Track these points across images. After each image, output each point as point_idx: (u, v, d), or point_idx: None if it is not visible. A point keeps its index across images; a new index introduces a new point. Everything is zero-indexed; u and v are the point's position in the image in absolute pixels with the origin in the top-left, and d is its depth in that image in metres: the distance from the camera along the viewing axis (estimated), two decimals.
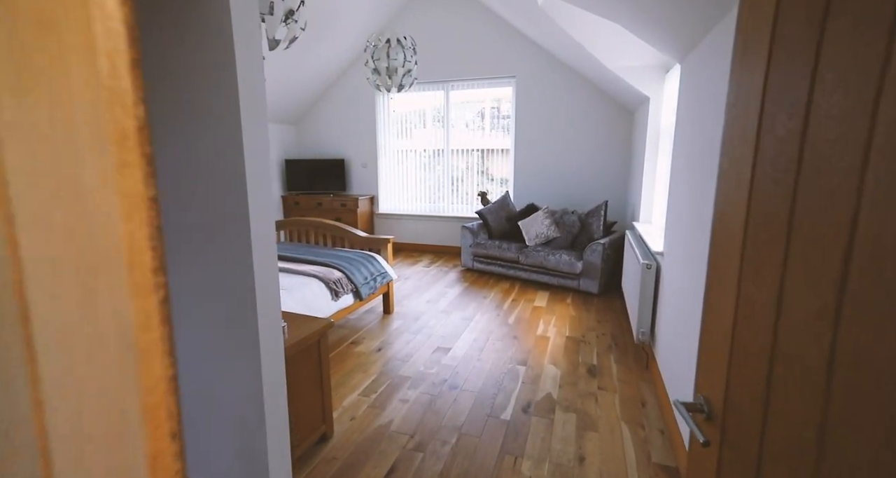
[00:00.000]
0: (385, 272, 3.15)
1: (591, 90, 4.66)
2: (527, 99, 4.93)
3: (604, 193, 4.81)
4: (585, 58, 3.67)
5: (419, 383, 2.36)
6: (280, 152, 5.91)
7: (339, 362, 2.61)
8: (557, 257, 3.97)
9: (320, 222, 3.57)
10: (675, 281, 2.06)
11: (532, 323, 3.25)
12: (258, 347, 1.30)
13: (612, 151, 4.70)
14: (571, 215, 4.33)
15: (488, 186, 5.48)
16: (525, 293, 3.98)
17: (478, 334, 3.03)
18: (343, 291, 2.70)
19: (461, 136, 5.48)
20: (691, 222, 1.81)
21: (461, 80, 5.23)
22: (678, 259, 2.01)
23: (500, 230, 4.68)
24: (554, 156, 4.95)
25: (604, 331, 3.08)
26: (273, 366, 1.36)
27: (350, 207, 5.57)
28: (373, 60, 3.75)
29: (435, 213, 5.69)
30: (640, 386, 2.31)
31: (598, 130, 4.71)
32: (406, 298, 3.84)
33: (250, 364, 1.30)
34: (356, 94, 5.72)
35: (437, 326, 3.17)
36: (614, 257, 3.97)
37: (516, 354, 2.72)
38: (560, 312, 3.49)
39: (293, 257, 2.96)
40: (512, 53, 4.88)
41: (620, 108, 4.58)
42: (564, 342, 2.90)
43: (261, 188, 1.25)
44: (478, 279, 4.42)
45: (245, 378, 1.31)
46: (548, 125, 4.91)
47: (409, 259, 5.29)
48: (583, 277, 3.88)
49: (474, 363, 2.60)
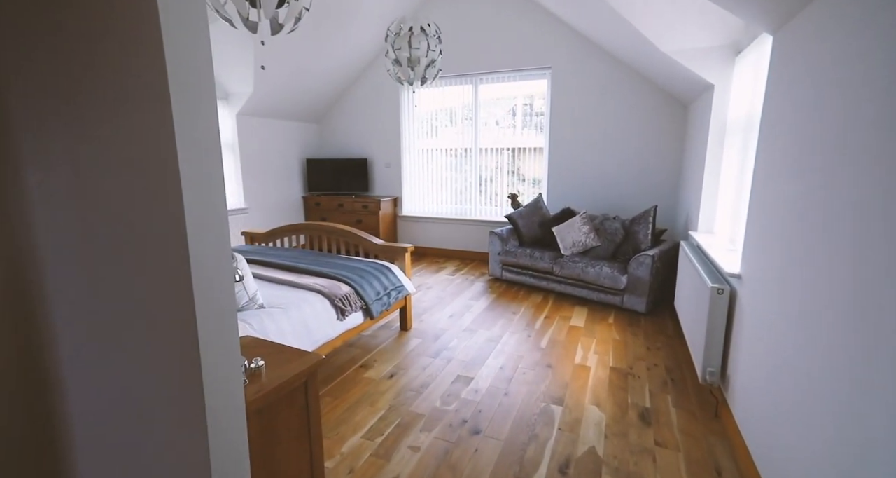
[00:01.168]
0: (401, 286, 2.80)
1: (636, 81, 4.14)
2: (563, 92, 4.47)
3: (651, 196, 4.28)
4: (634, 42, 3.19)
5: (434, 424, 1.99)
6: (301, 151, 5.69)
7: (344, 390, 2.27)
8: (597, 270, 3.50)
9: (333, 227, 3.26)
10: (765, 314, 1.59)
11: (569, 347, 2.81)
12: (201, 403, 0.95)
13: (662, 150, 4.17)
14: (613, 222, 3.84)
15: (519, 187, 5.04)
16: (560, 309, 3.53)
17: (505, 360, 2.63)
18: (351, 309, 2.36)
19: (490, 134, 5.08)
20: (801, 239, 1.35)
21: (491, 73, 4.83)
22: (772, 286, 1.54)
23: (532, 237, 4.24)
24: (593, 155, 4.46)
25: (655, 361, 2.61)
26: (227, 427, 1.02)
27: (372, 209, 5.28)
28: (393, 50, 3.41)
29: (461, 216, 5.31)
30: (709, 442, 1.84)
31: (644, 125, 4.19)
32: (427, 311, 3.48)
33: (189, 429, 0.96)
34: (379, 90, 5.42)
35: (459, 349, 2.78)
36: (664, 271, 3.46)
37: (550, 389, 2.30)
38: (601, 334, 3.03)
39: (296, 267, 2.65)
40: (547, 42, 4.43)
41: (672, 100, 4.04)
42: (608, 375, 2.45)
43: (206, 195, 0.91)
44: (506, 291, 4.01)
45: (181, 448, 0.97)
46: (586, 121, 4.43)
47: (433, 266, 4.94)
48: (627, 293, 3.39)
49: (500, 399, 2.21)
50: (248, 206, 4.96)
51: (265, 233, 3.58)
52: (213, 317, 0.95)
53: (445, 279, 4.39)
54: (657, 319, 3.30)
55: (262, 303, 2.08)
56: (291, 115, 5.36)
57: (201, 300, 0.92)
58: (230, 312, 1.00)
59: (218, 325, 0.96)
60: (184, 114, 0.86)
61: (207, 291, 0.93)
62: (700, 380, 2.03)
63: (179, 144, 0.86)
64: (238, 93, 4.56)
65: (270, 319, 1.96)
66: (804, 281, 1.29)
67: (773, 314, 1.50)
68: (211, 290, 0.94)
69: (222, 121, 4.65)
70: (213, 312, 0.95)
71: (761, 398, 1.56)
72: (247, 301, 2.03)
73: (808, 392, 1.22)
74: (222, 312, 0.98)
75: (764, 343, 1.57)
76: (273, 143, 5.24)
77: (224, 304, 0.98)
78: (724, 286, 1.92)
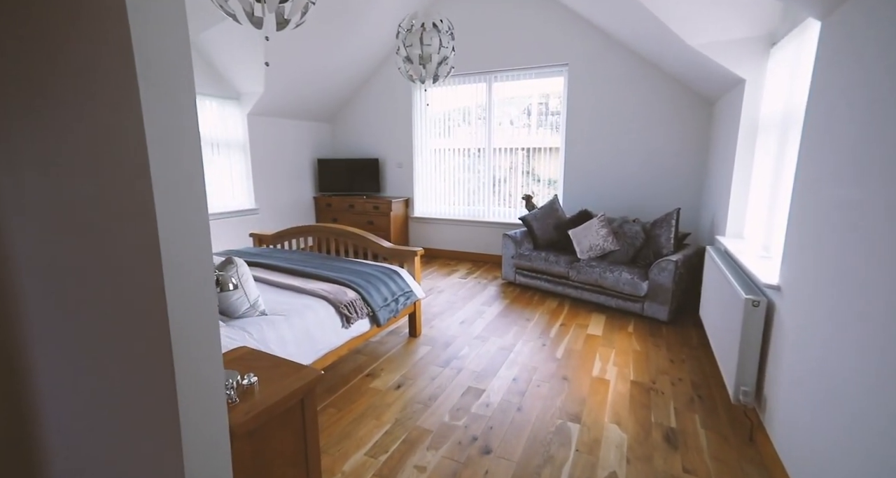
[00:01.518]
0: (410, 291, 2.68)
1: (658, 77, 3.95)
2: (580, 89, 4.30)
3: (672, 199, 4.08)
4: (658, 35, 3.02)
5: (442, 441, 1.87)
6: (313, 152, 5.64)
7: (349, 401, 2.17)
8: (616, 275, 3.34)
9: (341, 229, 3.17)
10: (811, 331, 1.43)
11: (586, 358, 2.66)
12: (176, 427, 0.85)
13: (684, 150, 3.97)
14: (633, 225, 3.66)
15: (534, 187, 4.88)
16: (576, 316, 3.37)
17: (518, 371, 2.49)
18: (357, 316, 2.26)
19: (504, 133, 4.93)
20: (855, 250, 1.19)
21: (505, 71, 4.68)
22: (819, 301, 1.37)
23: (547, 240, 4.09)
24: (611, 155, 4.28)
25: (680, 375, 2.44)
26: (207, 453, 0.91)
27: (383, 210, 5.19)
28: (404, 47, 3.30)
29: (474, 217, 5.18)
30: (745, 471, 1.68)
31: (666, 124, 4.00)
32: (437, 316, 3.36)
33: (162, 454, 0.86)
34: (392, 89, 5.32)
35: (470, 358, 2.66)
36: (688, 278, 3.28)
37: (567, 404, 2.16)
38: (620, 344, 2.86)
39: (302, 272, 2.56)
40: (564, 38, 4.27)
41: (696, 97, 3.84)
42: (629, 390, 2.29)
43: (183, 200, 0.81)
44: (520, 296, 3.86)
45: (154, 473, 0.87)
46: (604, 119, 4.25)
47: (444, 268, 4.82)
48: (648, 300, 3.22)
49: (513, 414, 2.07)
50: (259, 206, 4.92)
51: (273, 235, 3.51)
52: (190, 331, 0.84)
53: (457, 283, 4.27)
54: (680, 329, 3.11)
55: (263, 310, 1.99)
56: (303, 114, 5.30)
57: (177, 312, 0.81)
58: (210, 326, 0.89)
59: (196, 340, 0.86)
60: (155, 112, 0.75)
61: (183, 303, 0.82)
62: (732, 399, 1.86)
63: (150, 146, 0.75)
64: (249, 92, 4.51)
65: (271, 328, 1.86)
66: (860, 297, 1.13)
67: (822, 332, 1.34)
68: (188, 302, 0.83)
69: (234, 121, 4.61)
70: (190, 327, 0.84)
71: (807, 425, 1.40)
72: (247, 308, 1.94)
73: (863, 422, 1.06)
74: (202, 326, 0.87)
75: (809, 364, 1.41)
76: (284, 143, 5.19)
77: (204, 317, 0.88)
78: (761, 298, 1.75)
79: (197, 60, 4.15)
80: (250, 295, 1.96)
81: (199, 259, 0.85)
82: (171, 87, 0.77)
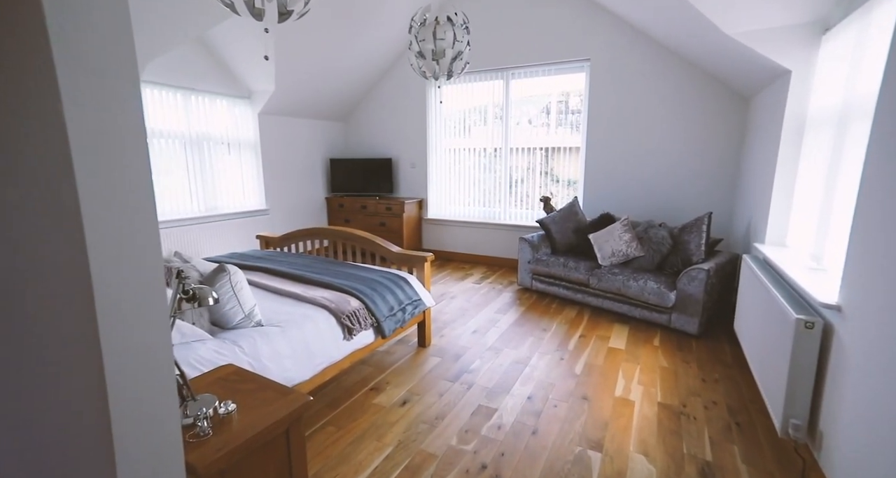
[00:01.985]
0: (418, 300, 2.52)
1: (687, 72, 3.69)
2: (603, 85, 4.07)
3: (702, 202, 3.82)
4: (690, 24, 2.78)
5: (448, 469, 1.70)
6: (325, 151, 5.54)
7: (350, 418, 2.02)
8: (641, 284, 3.11)
9: (349, 233, 3.03)
10: (883, 360, 1.20)
11: (608, 375, 2.45)
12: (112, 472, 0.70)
13: (716, 149, 3.70)
14: (659, 230, 3.41)
15: (553, 188, 4.66)
16: (597, 326, 3.16)
17: (534, 389, 2.31)
18: (360, 327, 2.11)
19: (522, 133, 4.73)
20: None
21: (524, 67, 4.48)
22: (890, 324, 1.15)
23: (566, 244, 3.88)
24: (635, 155, 4.04)
25: (714, 398, 2.21)
26: None
27: (396, 211, 5.05)
28: (417, 42, 3.14)
29: (490, 219, 5.00)
30: None
31: (696, 122, 3.73)
32: (448, 324, 3.19)
33: None
34: (406, 87, 5.18)
35: (482, 372, 2.48)
36: (720, 288, 3.02)
37: (587, 428, 1.96)
38: (646, 359, 2.64)
39: (304, 278, 2.43)
40: (586, 30, 4.04)
41: (730, 93, 3.57)
42: (656, 413, 2.08)
43: (119, 209, 0.66)
44: (537, 303, 3.66)
45: None
46: (628, 117, 4.01)
47: (458, 272, 4.65)
48: (676, 311, 2.98)
49: (527, 439, 1.89)
50: (270, 207, 4.85)
51: (280, 237, 3.40)
52: (131, 361, 0.69)
53: (471, 288, 4.09)
54: (712, 344, 2.87)
55: (259, 320, 1.86)
56: (315, 113, 5.21)
57: (113, 337, 0.66)
58: (160, 350, 0.74)
59: (140, 370, 0.71)
60: (81, 105, 0.61)
61: (122, 328, 0.68)
62: (779, 432, 1.63)
63: (75, 144, 0.61)
64: (260, 91, 4.43)
65: (265, 341, 1.73)
66: None
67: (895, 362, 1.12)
68: (128, 327, 0.69)
69: (245, 120, 4.54)
70: (132, 354, 0.69)
71: (875, 470, 1.18)
72: (242, 318, 1.81)
73: None
74: (149, 353, 0.72)
75: (880, 398, 1.19)
76: (296, 142, 5.11)
77: (151, 341, 0.73)
78: (815, 319, 1.52)
79: (207, 58, 4.09)
80: (245, 305, 1.82)
81: (143, 276, 0.70)
82: (103, 73, 0.63)
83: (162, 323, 0.74)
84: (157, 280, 0.73)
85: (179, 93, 3.94)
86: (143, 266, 0.70)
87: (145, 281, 0.71)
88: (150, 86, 3.73)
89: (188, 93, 4.00)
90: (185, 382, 1.08)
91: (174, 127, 3.94)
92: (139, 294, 0.70)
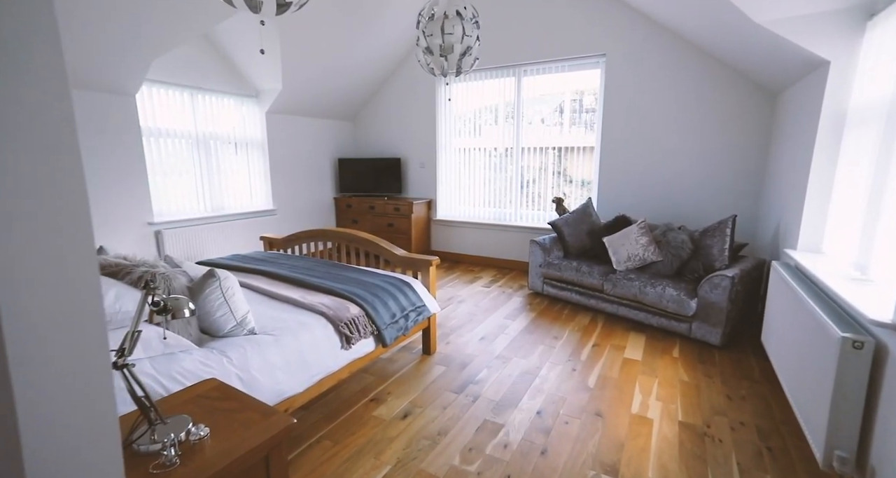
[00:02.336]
0: (422, 306, 2.40)
1: (709, 66, 3.50)
2: (619, 82, 3.89)
3: (725, 205, 3.62)
4: (715, 14, 2.60)
5: None
6: (333, 151, 5.47)
7: (348, 432, 1.91)
8: (659, 290, 2.93)
9: (353, 235, 2.93)
10: None
11: (624, 389, 2.29)
12: None
13: (740, 149, 3.50)
14: (679, 233, 3.23)
15: (566, 189, 4.50)
16: (611, 335, 2.99)
17: (544, 403, 2.16)
18: (359, 335, 2.00)
19: (534, 132, 4.58)
20: None
21: (536, 64, 4.33)
22: None
23: (579, 247, 3.71)
24: (653, 155, 3.85)
25: (741, 417, 2.03)
26: None
27: (404, 211, 4.94)
28: (424, 37, 3.02)
29: (500, 221, 4.85)
30: None
31: (718, 120, 3.54)
32: (455, 330, 3.07)
33: None
34: (415, 85, 5.08)
35: (489, 383, 2.35)
36: (745, 296, 2.83)
37: (601, 449, 1.81)
38: (665, 372, 2.47)
39: (304, 282, 2.32)
40: (601, 24, 3.87)
41: (755, 88, 3.37)
42: (677, 434, 1.92)
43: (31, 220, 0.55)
44: (548, 309, 3.51)
45: None
46: (645, 115, 3.83)
47: (467, 275, 4.52)
48: (697, 320, 2.80)
49: (536, 460, 1.75)
50: (277, 207, 4.79)
51: (283, 238, 3.32)
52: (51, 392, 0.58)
53: (480, 292, 3.96)
54: (737, 356, 2.68)
55: (252, 328, 1.76)
56: (323, 112, 5.14)
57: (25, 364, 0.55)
58: (99, 375, 0.63)
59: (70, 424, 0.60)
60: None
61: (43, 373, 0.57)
62: (821, 465, 1.46)
63: None
64: (267, 90, 4.37)
65: (256, 351, 1.62)
66: None
67: None
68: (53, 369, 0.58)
69: (252, 119, 4.49)
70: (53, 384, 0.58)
71: None
72: (233, 326, 1.72)
73: None
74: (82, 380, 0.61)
75: None
76: (304, 142, 5.04)
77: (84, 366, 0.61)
78: (865, 338, 1.35)
79: (213, 57, 4.04)
80: (237, 312, 1.73)
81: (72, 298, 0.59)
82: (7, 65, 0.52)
83: (100, 345, 0.63)
84: (92, 303, 0.62)
85: (186, 92, 3.90)
86: (86, 268, 0.59)
87: (75, 305, 0.59)
88: (157, 85, 3.69)
89: (195, 92, 3.95)
90: (151, 404, 0.98)
91: (181, 126, 3.90)
92: (66, 326, 0.58)
